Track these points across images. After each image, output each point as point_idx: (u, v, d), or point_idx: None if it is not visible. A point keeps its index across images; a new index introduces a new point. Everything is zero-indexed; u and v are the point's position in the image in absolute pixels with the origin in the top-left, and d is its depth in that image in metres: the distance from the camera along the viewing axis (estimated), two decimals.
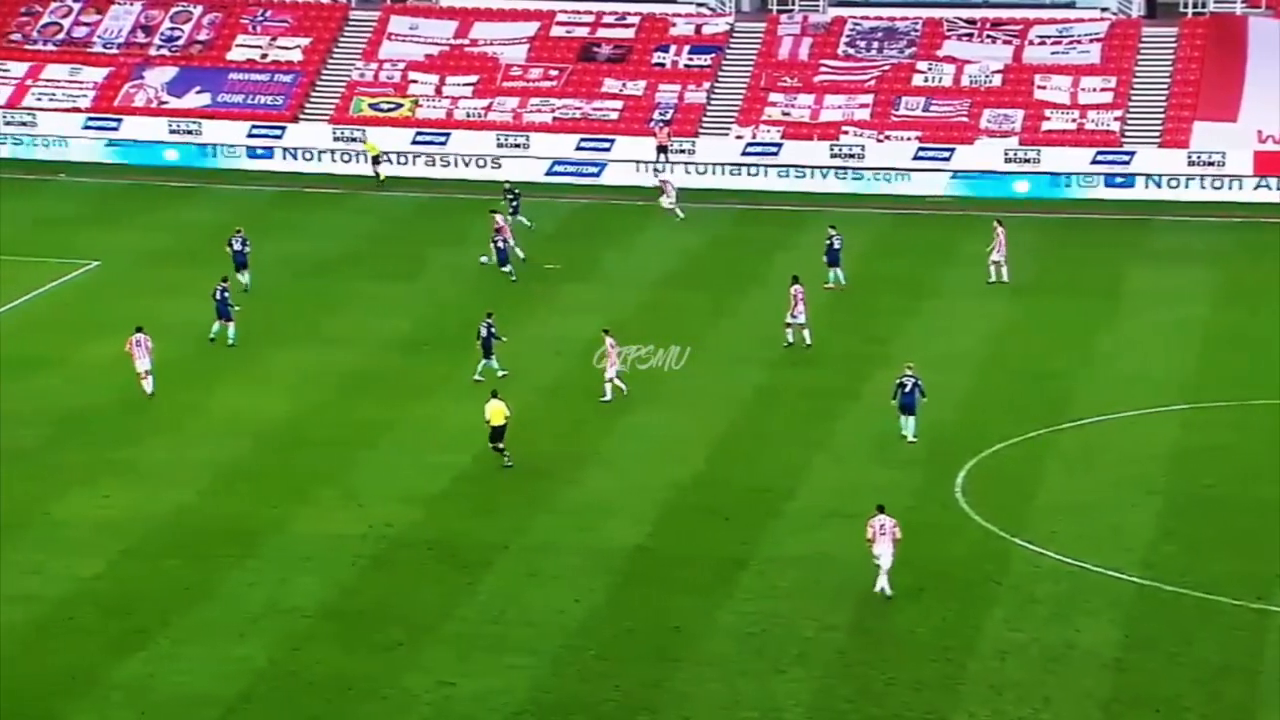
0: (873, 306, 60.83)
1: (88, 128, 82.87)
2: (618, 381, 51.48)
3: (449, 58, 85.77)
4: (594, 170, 79.91)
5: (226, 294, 56.41)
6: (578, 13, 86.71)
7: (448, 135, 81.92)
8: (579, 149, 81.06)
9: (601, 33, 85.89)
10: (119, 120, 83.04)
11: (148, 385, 51.61)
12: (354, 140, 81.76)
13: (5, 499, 44.84)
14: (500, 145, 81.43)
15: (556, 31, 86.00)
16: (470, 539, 43.37)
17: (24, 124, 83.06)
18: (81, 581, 40.64)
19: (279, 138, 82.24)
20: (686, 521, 44.47)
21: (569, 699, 36.28)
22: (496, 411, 47.03)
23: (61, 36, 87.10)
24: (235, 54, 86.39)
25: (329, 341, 57.03)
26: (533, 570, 41.69)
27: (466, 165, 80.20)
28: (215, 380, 53.47)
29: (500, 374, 52.19)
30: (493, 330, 53.03)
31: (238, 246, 61.85)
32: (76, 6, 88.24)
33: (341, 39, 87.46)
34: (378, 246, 68.58)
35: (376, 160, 79.32)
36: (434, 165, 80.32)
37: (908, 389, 48.33)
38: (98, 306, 60.62)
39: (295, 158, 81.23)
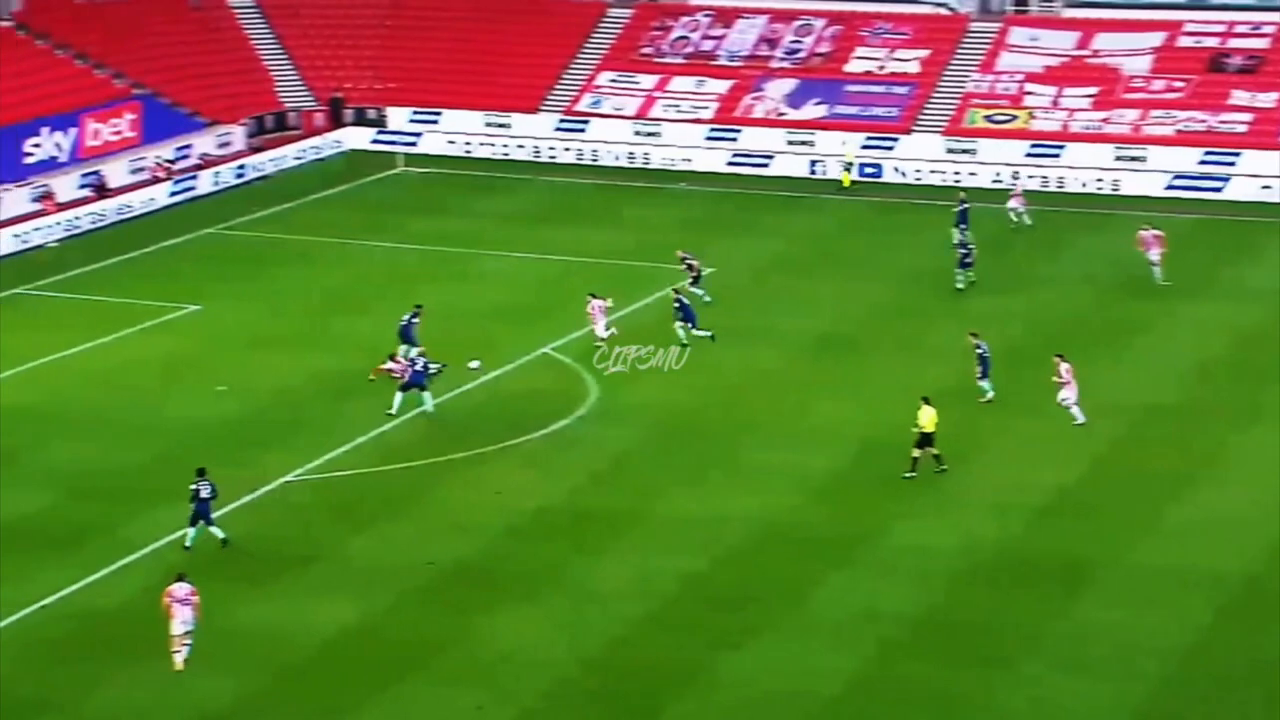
0: None
1: (709, 138, 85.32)
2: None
3: (1068, 69, 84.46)
4: (1217, 185, 77.17)
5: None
6: (1207, 22, 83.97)
7: (1062, 148, 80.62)
8: (1202, 163, 78.45)
9: (1232, 43, 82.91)
10: (738, 131, 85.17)
11: (600, 330, 55.28)
12: (965, 153, 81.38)
13: (611, 499, 46.52)
14: (1118, 159, 79.64)
15: (1184, 42, 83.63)
16: (1068, 554, 42.44)
17: (651, 134, 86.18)
18: (688, 578, 41.74)
19: (890, 149, 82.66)
20: None
21: None
22: (928, 417, 46.51)
23: (689, 50, 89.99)
24: (853, 66, 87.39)
25: (931, 353, 56.87)
26: (1133, 591, 40.48)
27: (1081, 182, 78.78)
28: (817, 389, 54.07)
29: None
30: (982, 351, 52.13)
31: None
32: (705, 21, 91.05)
33: (959, 51, 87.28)
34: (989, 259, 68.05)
35: (849, 166, 78.66)
36: (1047, 183, 79.14)
37: None
38: (711, 312, 62.25)
39: (903, 172, 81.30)
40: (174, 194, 78.38)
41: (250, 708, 36.14)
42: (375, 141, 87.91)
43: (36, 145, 77.36)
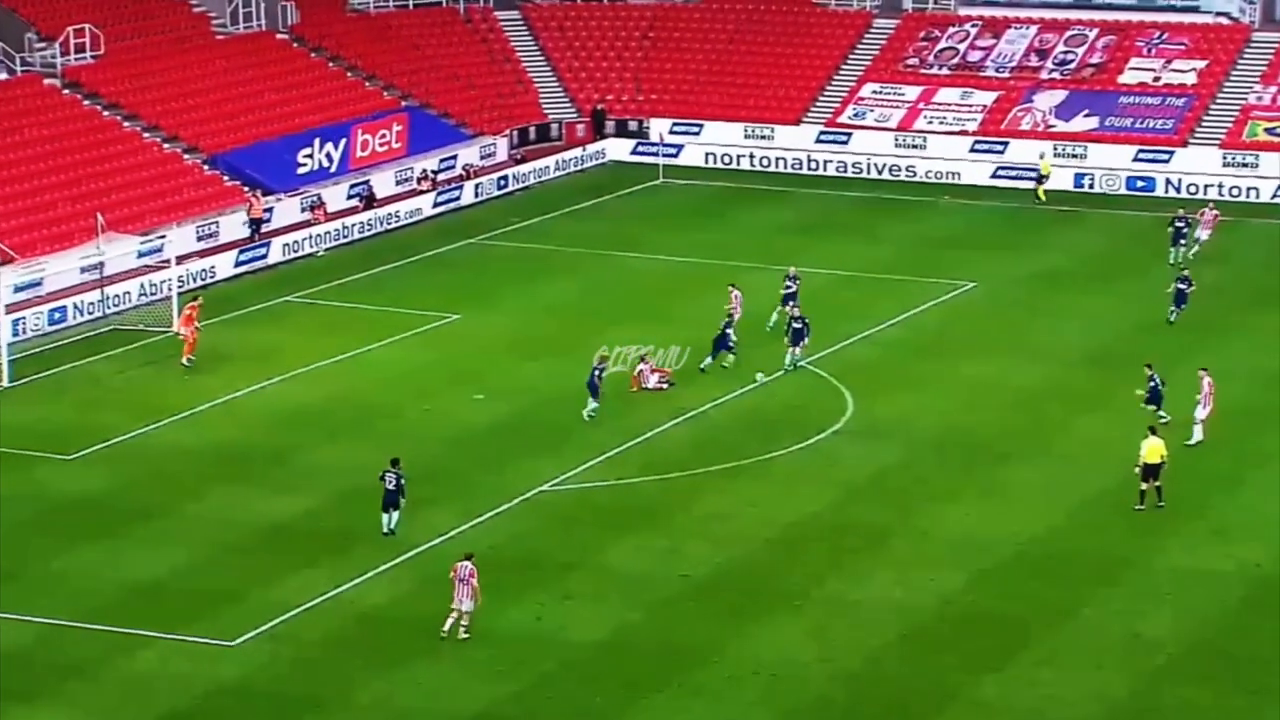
0: None
1: (974, 150, 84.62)
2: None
3: None
4: None
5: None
6: None
7: None
8: None
9: None
10: (1005, 143, 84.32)
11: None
12: (1245, 166, 79.67)
13: (869, 514, 46.46)
14: None
15: None
16: None
17: (914, 146, 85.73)
18: (945, 595, 41.53)
19: (1166, 163, 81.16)
20: None
21: None
22: (1154, 450, 44.86)
23: (956, 61, 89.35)
24: (1127, 77, 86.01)
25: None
26: None
27: None
28: (1082, 406, 53.33)
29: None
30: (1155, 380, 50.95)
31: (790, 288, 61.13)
32: (973, 31, 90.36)
33: (1240, 61, 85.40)
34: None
35: (1041, 179, 77.05)
36: None
37: None
38: (973, 327, 61.86)
39: (1179, 186, 79.81)
40: (438, 204, 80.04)
41: (508, 713, 36.76)
42: (636, 153, 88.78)
43: (308, 156, 79.60)
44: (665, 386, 54.92)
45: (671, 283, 68.28)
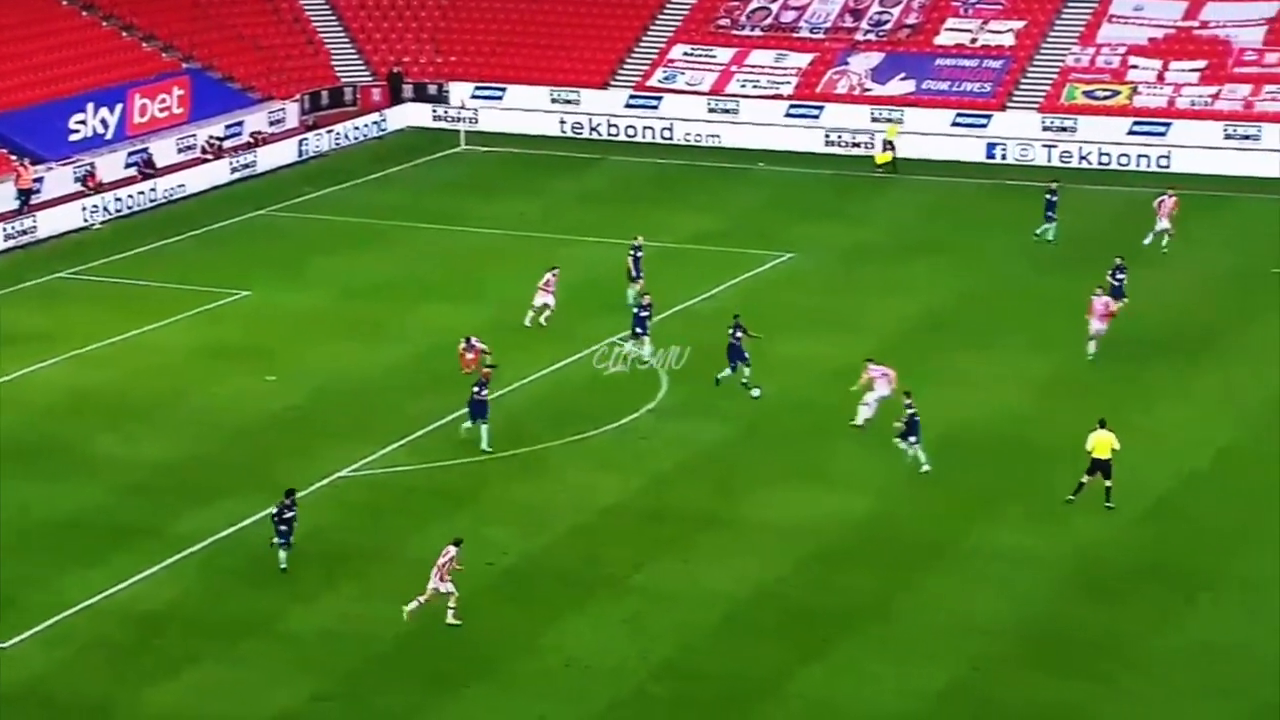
0: None
1: (790, 115, 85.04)
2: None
3: (1174, 41, 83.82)
4: None
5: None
6: None
7: (1168, 125, 79.97)
8: None
9: None
10: (821, 108, 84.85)
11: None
12: (1063, 131, 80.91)
13: (683, 498, 46.46)
14: (1227, 137, 78.97)
15: None
16: (1177, 564, 42.08)
17: (727, 111, 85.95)
18: (765, 583, 41.58)
19: (984, 126, 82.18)
20: None
21: None
22: (1103, 443, 44.55)
23: (769, 21, 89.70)
24: (944, 38, 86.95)
25: (1029, 342, 56.56)
26: (1246, 604, 40.10)
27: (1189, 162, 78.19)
28: (908, 383, 53.67)
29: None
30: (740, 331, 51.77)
31: None
32: None
33: (1058, 21, 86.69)
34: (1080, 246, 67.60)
35: (889, 146, 78.17)
36: (1150, 162, 78.59)
37: None
38: (790, 300, 62.10)
39: (996, 153, 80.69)
40: (225, 174, 78.76)
41: (308, 714, 36.22)
42: (436, 118, 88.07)
43: (81, 122, 77.91)
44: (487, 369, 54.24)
45: (479, 257, 67.83)
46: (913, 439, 46.73)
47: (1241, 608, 39.97)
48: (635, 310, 55.98)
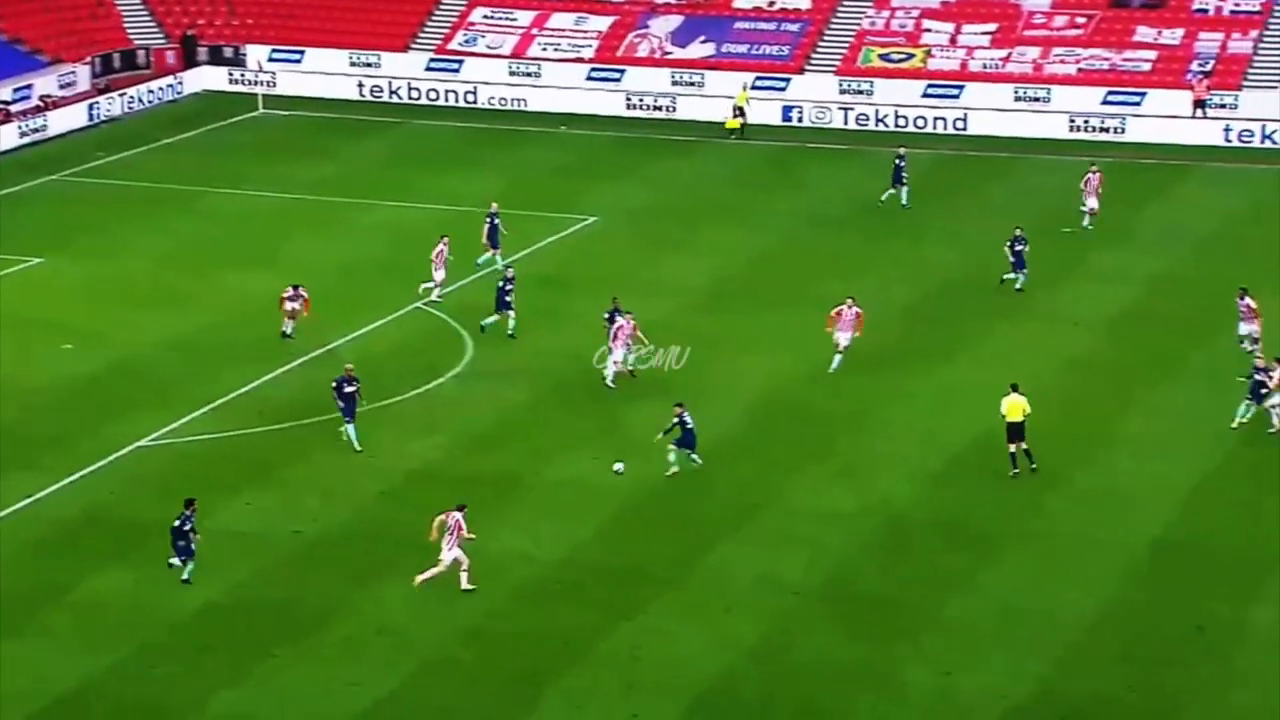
0: None
1: (591, 78, 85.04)
2: None
3: (966, 5, 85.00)
4: (1118, 126, 77.97)
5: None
6: None
7: (961, 88, 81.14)
8: (1105, 103, 79.24)
9: None
10: (622, 71, 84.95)
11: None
12: (860, 94, 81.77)
13: (490, 462, 46.41)
14: (1018, 99, 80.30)
15: None
16: (976, 522, 42.83)
17: (529, 74, 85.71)
18: (572, 545, 41.70)
19: (783, 90, 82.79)
20: (1213, 514, 43.03)
21: (1079, 699, 35.48)
22: (1015, 406, 44.98)
23: None
24: (742, 2, 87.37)
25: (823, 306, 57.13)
26: (1043, 560, 40.94)
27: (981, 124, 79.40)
28: (708, 345, 54.03)
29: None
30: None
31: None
32: None
33: None
34: (862, 212, 68.37)
35: (740, 112, 78.67)
36: (946, 124, 79.68)
37: None
38: (594, 262, 62.21)
39: (792, 115, 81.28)
40: (22, 136, 77.11)
41: (111, 684, 35.75)
42: (232, 82, 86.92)
43: None
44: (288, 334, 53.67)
45: (278, 222, 67.09)
46: (688, 450, 45.16)
47: (1040, 566, 40.75)
48: (499, 284, 54.85)
